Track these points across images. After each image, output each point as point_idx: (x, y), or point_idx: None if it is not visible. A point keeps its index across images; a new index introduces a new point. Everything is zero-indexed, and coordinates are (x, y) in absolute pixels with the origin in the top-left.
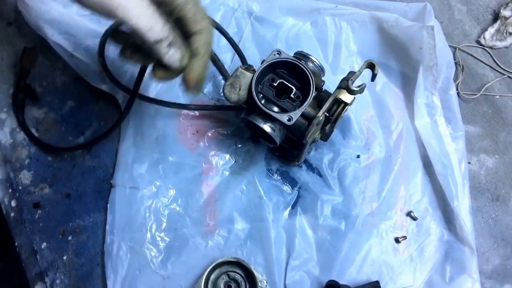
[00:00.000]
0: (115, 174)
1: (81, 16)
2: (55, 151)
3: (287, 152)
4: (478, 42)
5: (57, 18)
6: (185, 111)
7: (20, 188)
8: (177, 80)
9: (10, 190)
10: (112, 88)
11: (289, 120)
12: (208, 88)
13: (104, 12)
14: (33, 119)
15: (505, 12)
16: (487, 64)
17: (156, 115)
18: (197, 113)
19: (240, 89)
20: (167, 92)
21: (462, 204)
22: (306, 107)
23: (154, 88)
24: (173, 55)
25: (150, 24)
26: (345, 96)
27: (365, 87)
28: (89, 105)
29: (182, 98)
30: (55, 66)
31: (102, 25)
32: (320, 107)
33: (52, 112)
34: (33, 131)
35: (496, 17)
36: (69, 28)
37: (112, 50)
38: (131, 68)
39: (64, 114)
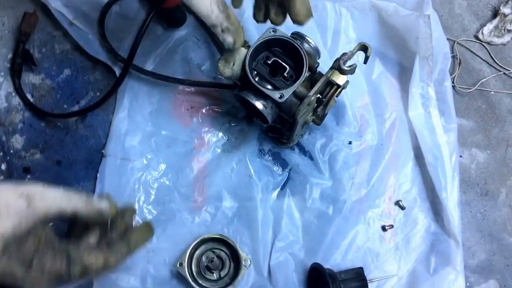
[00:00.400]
0: (107, 144)
1: None
2: (49, 117)
3: (280, 133)
4: (476, 37)
5: None
6: (181, 87)
7: (11, 151)
8: (176, 55)
9: (1, 153)
10: (109, 59)
11: (280, 97)
12: (205, 65)
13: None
14: (29, 84)
15: (504, 9)
16: (484, 60)
17: (152, 89)
18: (192, 89)
19: (234, 64)
20: (164, 66)
21: (451, 197)
22: (298, 85)
23: (151, 62)
24: (226, 38)
25: (208, 11)
26: (339, 78)
27: (355, 67)
28: (86, 75)
29: (179, 74)
30: (55, 33)
31: None
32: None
33: (49, 79)
34: (29, 96)
35: (495, 13)
36: None
37: (113, 21)
38: (130, 40)
39: (61, 81)
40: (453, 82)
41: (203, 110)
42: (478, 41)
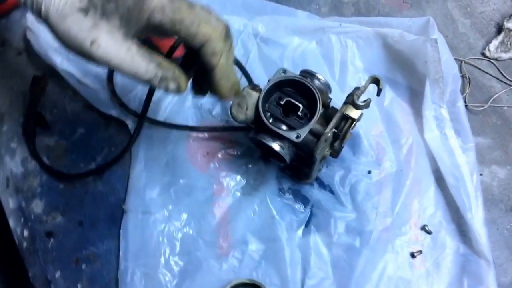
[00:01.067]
0: (127, 199)
1: None
2: (67, 179)
3: (298, 170)
4: (483, 54)
5: None
6: (194, 133)
7: (32, 217)
8: (187, 102)
9: (22, 220)
10: (122, 113)
11: (297, 137)
12: (216, 110)
13: (84, 56)
14: (44, 147)
15: (508, 24)
16: (493, 76)
17: (166, 138)
18: (206, 135)
19: (247, 109)
20: (176, 114)
21: (476, 216)
22: (313, 124)
23: (163, 111)
24: (169, 87)
25: (134, 69)
26: (352, 112)
27: (370, 101)
28: (99, 132)
29: (191, 120)
30: (64, 93)
31: None
32: (328, 124)
33: (63, 140)
34: (44, 159)
35: (499, 29)
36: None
37: (121, 76)
38: (140, 93)
39: (75, 141)
40: (465, 101)
41: (219, 155)
42: (485, 58)
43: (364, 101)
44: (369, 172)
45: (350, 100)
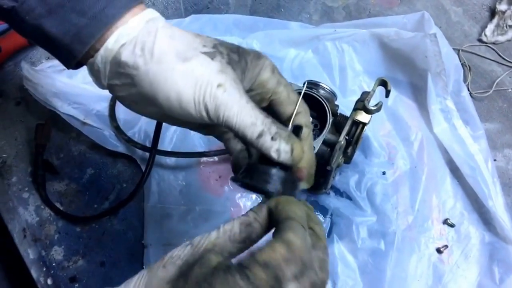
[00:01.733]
0: (146, 234)
1: (86, 83)
2: (83, 222)
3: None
4: (480, 40)
5: (63, 89)
6: (204, 158)
7: (53, 264)
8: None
9: (44, 269)
10: (128, 148)
11: None
12: None
13: (207, 112)
14: (55, 193)
15: (501, 7)
16: (493, 60)
17: (176, 168)
18: (216, 158)
19: None
20: (183, 142)
21: (497, 203)
22: (326, 134)
23: (169, 141)
24: (280, 147)
25: (253, 118)
26: (362, 117)
27: (382, 105)
28: (108, 170)
29: (199, 146)
30: (69, 136)
31: None
32: (338, 132)
33: (74, 183)
34: (58, 205)
35: (493, 13)
36: (77, 97)
37: (123, 111)
38: (144, 126)
39: (85, 182)
40: (468, 89)
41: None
42: (483, 44)
43: (376, 105)
44: (384, 173)
45: (361, 106)
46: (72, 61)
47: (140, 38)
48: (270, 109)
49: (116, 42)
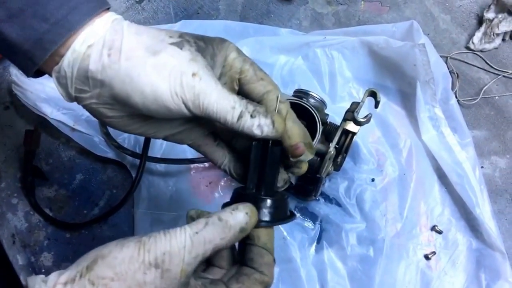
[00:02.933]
0: None
1: None
2: (72, 228)
3: (303, 188)
4: (467, 48)
5: (53, 95)
6: (195, 164)
7: (43, 271)
8: None
9: (33, 275)
10: (118, 154)
11: None
12: None
13: (186, 103)
14: (45, 199)
15: (488, 15)
16: (480, 68)
17: (166, 174)
18: (207, 164)
19: None
20: (173, 148)
21: (484, 210)
22: (316, 144)
23: (159, 147)
24: (261, 122)
25: (231, 102)
26: (352, 126)
27: (371, 117)
28: (98, 176)
29: (189, 152)
30: (58, 142)
31: None
32: (328, 141)
33: (63, 189)
34: (47, 211)
35: (480, 20)
36: (66, 103)
37: None
38: None
39: (75, 188)
40: (456, 97)
41: (222, 183)
42: (470, 51)
43: (365, 116)
44: (373, 180)
45: (350, 117)
46: (32, 68)
47: (107, 37)
48: (240, 93)
49: (83, 43)
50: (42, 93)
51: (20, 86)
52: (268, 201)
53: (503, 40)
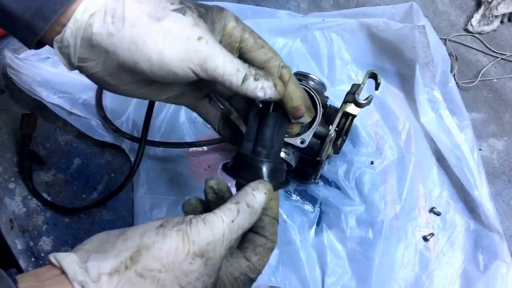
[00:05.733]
0: (135, 224)
1: (72, 72)
2: (71, 212)
3: (302, 171)
4: (466, 30)
5: (49, 78)
6: (193, 148)
7: (42, 255)
8: (180, 118)
9: (32, 259)
10: (116, 138)
11: (302, 142)
12: None
13: (193, 68)
14: (42, 183)
15: None
16: (479, 50)
17: (165, 158)
18: (205, 148)
19: None
20: (171, 132)
21: (482, 192)
22: (316, 126)
23: (157, 130)
24: (265, 85)
25: (236, 65)
26: (352, 109)
27: (372, 98)
28: (96, 159)
29: (188, 136)
30: (55, 126)
31: None
32: (328, 123)
33: (61, 173)
34: (45, 195)
35: (479, 3)
36: (63, 86)
37: (110, 100)
38: (132, 115)
39: (73, 172)
40: (454, 79)
41: (220, 166)
42: (469, 34)
43: (366, 98)
44: (372, 162)
45: (351, 98)
46: (33, 39)
47: (109, 6)
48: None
49: (84, 12)
50: (38, 76)
51: (16, 70)
52: (271, 165)
53: (502, 22)
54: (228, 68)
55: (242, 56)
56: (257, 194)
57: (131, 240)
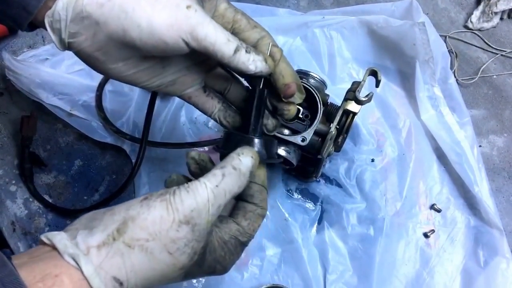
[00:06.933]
0: None
1: (71, 73)
2: (73, 214)
3: (303, 169)
4: (466, 27)
5: (48, 80)
6: (194, 149)
7: None
8: (181, 118)
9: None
10: (117, 139)
11: (303, 140)
12: (212, 121)
13: (183, 36)
14: (43, 185)
15: None
16: (478, 47)
17: (165, 158)
18: (206, 148)
19: None
20: (172, 132)
21: (482, 188)
22: (317, 124)
23: (158, 131)
24: (256, 58)
25: (226, 35)
26: (353, 106)
27: (372, 95)
28: (97, 161)
29: (188, 136)
30: (55, 127)
31: (94, 79)
32: (329, 121)
33: (62, 175)
34: (46, 197)
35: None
36: (63, 88)
37: (110, 101)
38: (132, 116)
39: (74, 174)
40: (454, 76)
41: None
42: (469, 30)
43: (366, 95)
44: (372, 160)
45: (351, 96)
46: (26, 18)
47: None
48: None
49: None
50: (37, 78)
51: (14, 71)
52: (258, 141)
53: (501, 19)
54: (219, 37)
55: (236, 36)
56: (243, 158)
57: (117, 214)
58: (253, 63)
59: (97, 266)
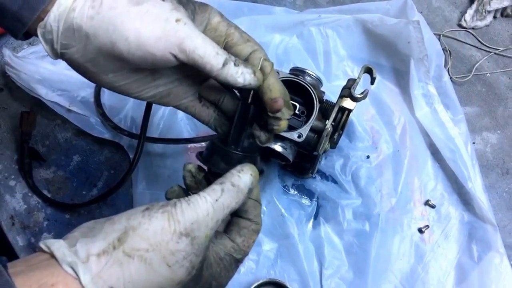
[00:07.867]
0: None
1: (70, 70)
2: (71, 209)
3: (299, 165)
4: (460, 25)
5: (47, 76)
6: (192, 144)
7: None
8: (179, 115)
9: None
10: (115, 135)
11: (299, 137)
12: None
13: (171, 49)
14: (42, 180)
15: None
16: (472, 45)
17: (163, 154)
18: (204, 144)
19: None
20: (169, 128)
21: (476, 184)
22: (313, 121)
23: (156, 127)
24: (244, 71)
25: (215, 48)
26: (348, 103)
27: (368, 92)
28: (95, 156)
29: (186, 132)
30: (54, 123)
31: None
32: (325, 118)
33: (61, 170)
34: (45, 192)
35: None
36: (61, 84)
37: (108, 98)
38: (130, 112)
39: (73, 169)
40: (448, 74)
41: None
42: (462, 29)
43: (362, 93)
44: (368, 157)
45: (347, 93)
46: (21, 29)
47: None
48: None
49: None
50: (37, 74)
51: (14, 68)
52: (240, 156)
53: (495, 17)
54: (208, 50)
55: (228, 50)
56: (242, 175)
57: (118, 223)
58: (242, 75)
59: (95, 275)
